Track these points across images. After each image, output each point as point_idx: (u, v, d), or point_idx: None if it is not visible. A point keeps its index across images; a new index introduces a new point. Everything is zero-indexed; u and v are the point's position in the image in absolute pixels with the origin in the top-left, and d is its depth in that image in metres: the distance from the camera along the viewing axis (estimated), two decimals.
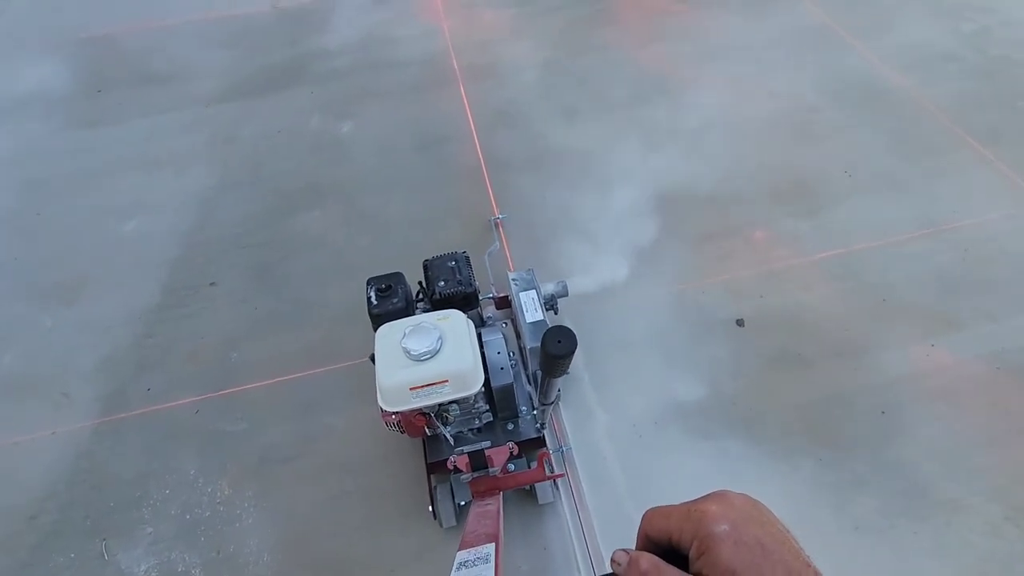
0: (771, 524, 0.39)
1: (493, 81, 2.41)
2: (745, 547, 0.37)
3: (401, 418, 1.04)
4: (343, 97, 2.40)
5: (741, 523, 0.39)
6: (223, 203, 2.02)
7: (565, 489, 1.30)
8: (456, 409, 1.08)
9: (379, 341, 1.00)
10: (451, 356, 0.95)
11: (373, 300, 1.13)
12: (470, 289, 1.21)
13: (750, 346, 1.51)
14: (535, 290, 1.31)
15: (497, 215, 1.86)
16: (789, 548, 0.38)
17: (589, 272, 1.69)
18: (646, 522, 0.43)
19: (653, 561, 0.40)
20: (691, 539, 0.39)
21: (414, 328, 0.97)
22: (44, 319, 1.75)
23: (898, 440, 1.32)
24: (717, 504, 0.40)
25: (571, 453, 1.35)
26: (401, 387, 0.94)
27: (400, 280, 1.17)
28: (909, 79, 2.23)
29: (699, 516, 0.39)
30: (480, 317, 1.35)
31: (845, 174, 1.92)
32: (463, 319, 1.02)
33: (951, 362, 1.44)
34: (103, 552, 1.29)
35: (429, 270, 1.26)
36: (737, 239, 1.76)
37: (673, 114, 2.18)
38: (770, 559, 0.37)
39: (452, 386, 0.95)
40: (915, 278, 1.62)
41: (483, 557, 0.65)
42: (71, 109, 2.47)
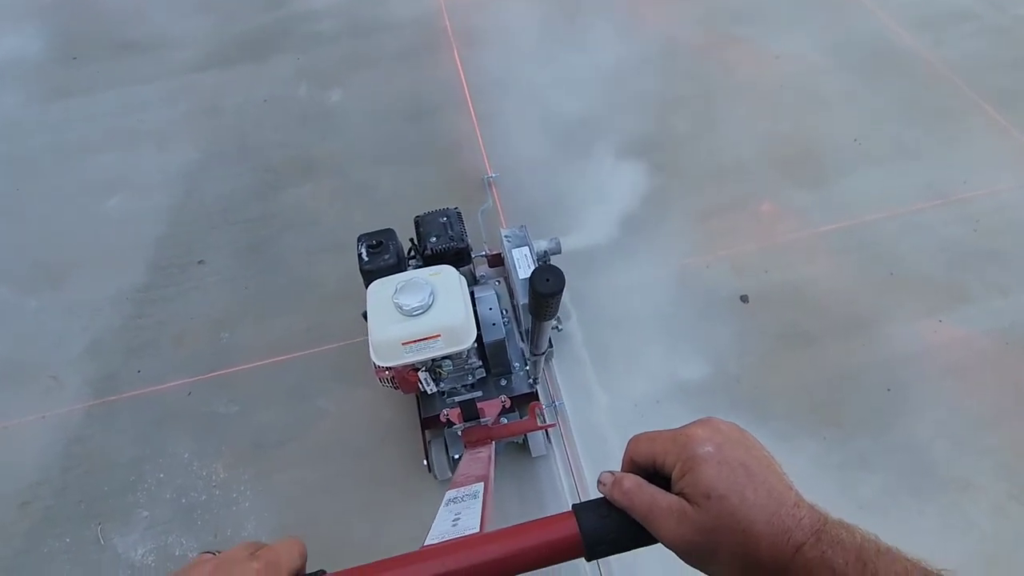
0: (756, 448, 0.40)
1: (488, 44, 2.30)
2: (728, 468, 0.37)
3: (394, 373, 1.04)
4: (331, 63, 2.29)
5: (726, 445, 0.39)
6: (208, 178, 1.95)
7: (557, 442, 1.32)
8: (449, 365, 1.07)
9: (371, 297, 0.99)
10: (443, 311, 0.94)
11: (364, 256, 1.11)
12: (462, 245, 1.19)
13: (754, 323, 1.47)
14: (528, 247, 1.29)
15: (490, 173, 1.82)
16: (773, 471, 0.38)
17: (584, 233, 1.65)
18: (632, 446, 0.43)
19: (636, 480, 0.41)
20: (675, 461, 0.39)
21: (406, 283, 0.95)
22: (29, 301, 1.69)
23: (904, 418, 1.30)
24: (702, 428, 0.40)
25: (563, 408, 1.36)
26: (393, 342, 0.94)
27: (391, 236, 1.15)
28: (922, 39, 2.13)
29: (684, 439, 0.40)
30: (473, 275, 1.34)
31: (854, 142, 1.85)
32: (455, 274, 1.01)
33: (959, 337, 1.41)
34: (99, 537, 1.28)
35: (420, 226, 1.24)
36: (741, 212, 1.70)
37: (674, 79, 2.08)
38: (753, 480, 0.37)
39: (444, 341, 0.94)
40: (924, 250, 1.57)
41: (472, 494, 0.64)
42: (46, 78, 2.36)
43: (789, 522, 0.36)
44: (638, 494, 0.40)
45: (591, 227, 1.69)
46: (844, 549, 0.34)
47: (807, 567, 0.35)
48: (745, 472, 0.37)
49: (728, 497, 0.36)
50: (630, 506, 0.40)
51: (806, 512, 0.36)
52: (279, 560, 0.40)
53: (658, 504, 0.39)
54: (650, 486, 0.40)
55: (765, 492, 0.37)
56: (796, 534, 0.35)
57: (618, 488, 0.41)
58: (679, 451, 0.39)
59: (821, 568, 0.34)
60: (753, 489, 0.37)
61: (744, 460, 0.38)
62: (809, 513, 0.36)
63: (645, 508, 0.39)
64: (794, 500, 0.37)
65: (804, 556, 0.35)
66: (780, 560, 0.36)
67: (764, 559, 0.36)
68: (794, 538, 0.35)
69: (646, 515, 0.39)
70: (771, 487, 0.37)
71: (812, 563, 0.35)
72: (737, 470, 0.37)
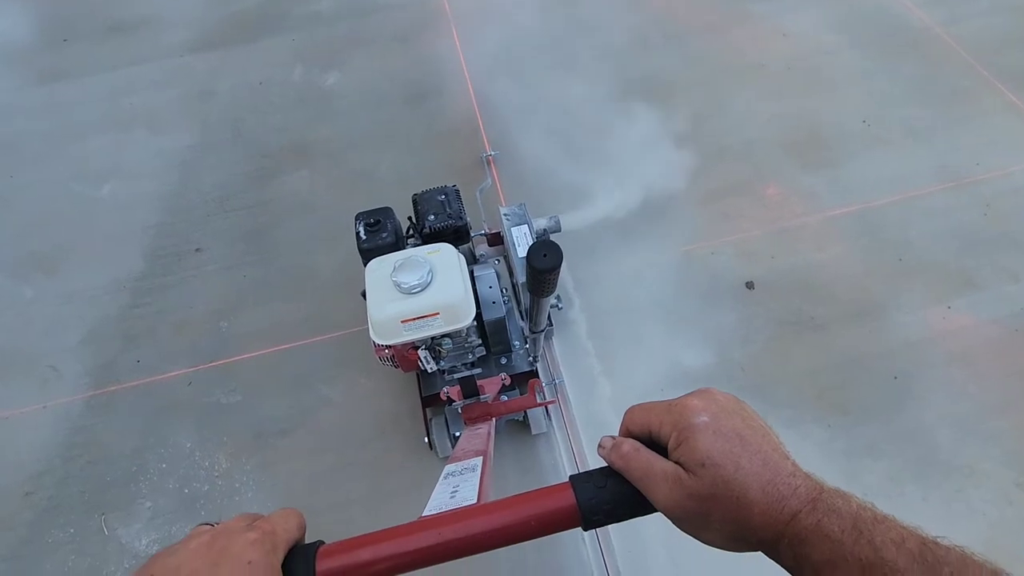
0: (752, 419, 0.40)
1: (489, 24, 2.24)
2: (723, 437, 0.37)
3: (394, 352, 1.04)
4: (328, 45, 2.23)
5: (722, 415, 0.39)
6: (203, 164, 1.91)
7: (558, 420, 1.32)
8: (449, 343, 1.07)
9: (369, 275, 0.98)
10: (442, 289, 0.94)
11: (362, 235, 1.10)
12: (461, 223, 1.18)
13: (760, 310, 1.45)
14: (527, 225, 1.28)
15: (489, 151, 1.80)
16: (769, 441, 0.38)
17: (585, 212, 1.64)
18: (628, 416, 0.43)
19: (634, 444, 0.41)
20: (671, 431, 0.39)
21: (404, 261, 0.95)
22: (24, 290, 1.68)
23: (911, 405, 1.29)
24: (699, 398, 0.40)
25: (563, 385, 1.36)
26: (392, 320, 0.93)
27: (389, 215, 1.14)
28: (935, 15, 2.07)
29: (680, 408, 0.40)
30: (472, 254, 1.33)
31: (863, 124, 1.81)
32: (454, 252, 1.00)
33: (968, 324, 1.39)
34: (102, 527, 1.28)
35: (419, 204, 1.22)
36: (747, 196, 1.67)
37: (680, 58, 2.03)
38: (748, 449, 0.37)
39: (443, 319, 0.94)
40: (934, 235, 1.55)
41: (470, 468, 0.64)
42: (36, 61, 2.30)
43: (784, 491, 0.36)
44: (635, 458, 0.40)
45: (592, 208, 1.67)
46: (840, 517, 0.34)
47: (802, 535, 0.35)
48: (740, 441, 0.37)
49: (723, 465, 0.36)
50: (626, 469, 0.40)
51: (802, 481, 0.36)
52: (276, 530, 0.40)
53: (654, 469, 0.39)
54: (648, 451, 0.40)
55: (760, 461, 0.37)
56: (791, 502, 0.35)
57: (616, 452, 0.41)
58: (675, 420, 0.39)
59: (816, 536, 0.34)
60: (748, 458, 0.37)
61: (740, 430, 0.38)
62: (805, 482, 0.36)
63: (641, 472, 0.40)
64: (790, 470, 0.37)
65: (799, 524, 0.35)
66: (774, 528, 0.36)
67: (758, 526, 0.36)
68: (789, 506, 0.35)
69: (642, 479, 0.40)
70: (766, 456, 0.37)
71: (807, 531, 0.35)
72: (732, 439, 0.37)
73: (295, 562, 0.40)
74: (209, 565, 0.37)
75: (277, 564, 0.39)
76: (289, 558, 0.40)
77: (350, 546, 0.41)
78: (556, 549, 1.18)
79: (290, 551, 0.41)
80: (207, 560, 0.37)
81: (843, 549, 0.33)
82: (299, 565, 0.40)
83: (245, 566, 0.37)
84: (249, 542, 0.38)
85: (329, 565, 0.40)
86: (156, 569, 0.37)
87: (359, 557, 0.41)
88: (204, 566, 0.37)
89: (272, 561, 0.38)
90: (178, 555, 0.38)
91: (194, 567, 0.37)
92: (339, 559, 0.41)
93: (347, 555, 0.41)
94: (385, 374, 1.42)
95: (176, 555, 0.38)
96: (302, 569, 0.40)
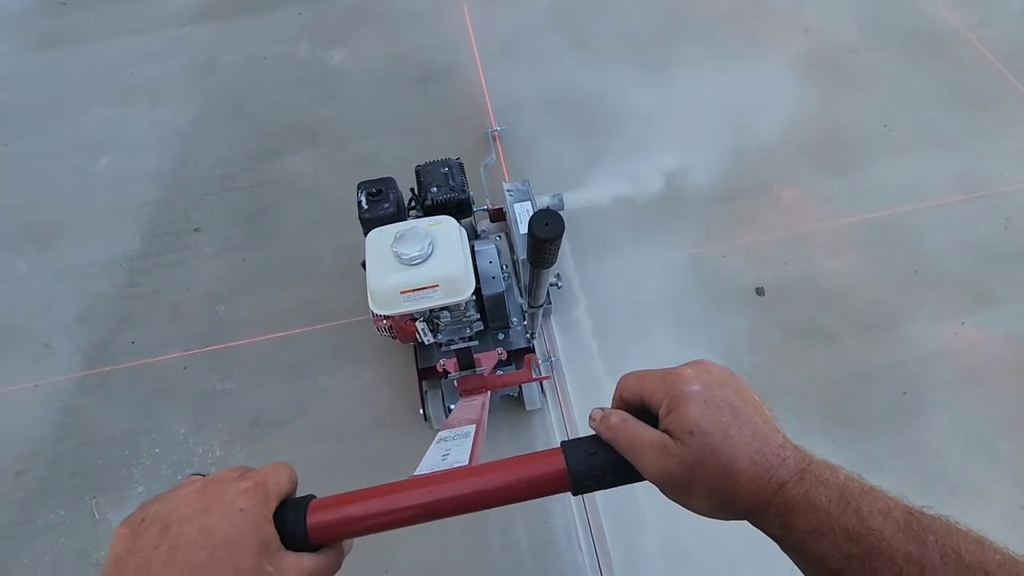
0: (744, 391, 0.40)
1: (501, 4, 2.16)
2: (714, 406, 0.38)
3: (392, 323, 1.04)
4: (334, 19, 2.16)
5: (715, 385, 0.39)
6: (204, 140, 1.86)
7: (552, 397, 1.32)
8: (447, 316, 1.06)
9: (369, 245, 0.97)
10: (442, 261, 0.93)
11: (363, 204, 1.09)
12: (463, 196, 1.17)
13: (770, 317, 1.42)
14: (530, 201, 1.28)
15: (495, 126, 1.78)
16: (759, 413, 0.39)
17: (590, 193, 1.61)
18: (621, 383, 0.44)
19: (622, 416, 0.42)
20: (662, 398, 0.40)
21: (405, 232, 0.94)
22: (18, 264, 1.64)
23: (919, 422, 1.27)
24: (692, 368, 0.41)
25: (559, 363, 1.36)
26: (391, 291, 0.93)
27: (391, 185, 1.12)
28: (964, 17, 2.00)
29: (673, 377, 0.40)
30: (474, 229, 1.33)
31: (884, 127, 1.75)
32: (455, 225, 0.99)
33: (981, 341, 1.36)
34: (94, 510, 1.26)
35: (421, 176, 1.21)
36: (762, 198, 1.63)
37: (695, 50, 1.96)
38: (738, 419, 0.37)
39: (443, 291, 0.93)
40: (951, 247, 1.51)
41: (463, 434, 0.65)
42: (33, 25, 2.23)
43: (773, 460, 0.36)
44: (623, 429, 0.41)
45: (598, 191, 1.64)
46: (827, 487, 0.35)
47: (789, 504, 0.35)
48: (731, 411, 0.38)
49: (711, 434, 0.37)
50: (614, 439, 0.41)
51: (791, 452, 0.37)
52: (267, 482, 0.40)
53: (641, 438, 0.40)
54: (636, 421, 0.41)
55: (750, 431, 0.37)
56: (779, 472, 0.36)
57: (605, 423, 0.42)
58: (667, 388, 0.40)
59: (803, 505, 0.35)
60: (738, 428, 0.37)
61: (731, 400, 0.38)
62: (794, 453, 0.37)
63: (628, 442, 0.40)
64: (779, 441, 0.37)
65: (787, 493, 0.35)
66: (761, 497, 0.36)
67: (745, 495, 0.36)
68: (777, 476, 0.36)
69: (629, 448, 0.40)
70: (756, 427, 0.37)
71: (794, 500, 0.35)
72: (723, 408, 0.38)
73: (286, 513, 0.40)
74: (200, 511, 0.37)
75: (268, 513, 0.39)
76: (280, 509, 0.40)
77: (341, 501, 0.42)
78: (552, 556, 1.16)
79: (281, 503, 0.41)
80: (198, 506, 0.37)
81: (830, 518, 0.34)
82: (290, 516, 0.40)
83: (237, 513, 0.37)
84: (241, 491, 0.38)
85: (320, 518, 0.40)
86: (147, 514, 0.37)
87: (349, 512, 0.41)
88: (195, 512, 0.37)
89: (264, 510, 0.38)
90: (169, 501, 0.38)
91: (185, 513, 0.37)
92: (329, 513, 0.41)
93: (338, 509, 0.41)
94: (384, 367, 1.39)
95: (167, 501, 0.38)
96: (293, 520, 0.40)
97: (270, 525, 0.38)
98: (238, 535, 0.36)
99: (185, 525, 0.36)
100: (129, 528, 0.37)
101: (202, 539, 0.35)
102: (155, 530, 0.36)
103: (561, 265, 1.51)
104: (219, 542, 0.35)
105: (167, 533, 0.36)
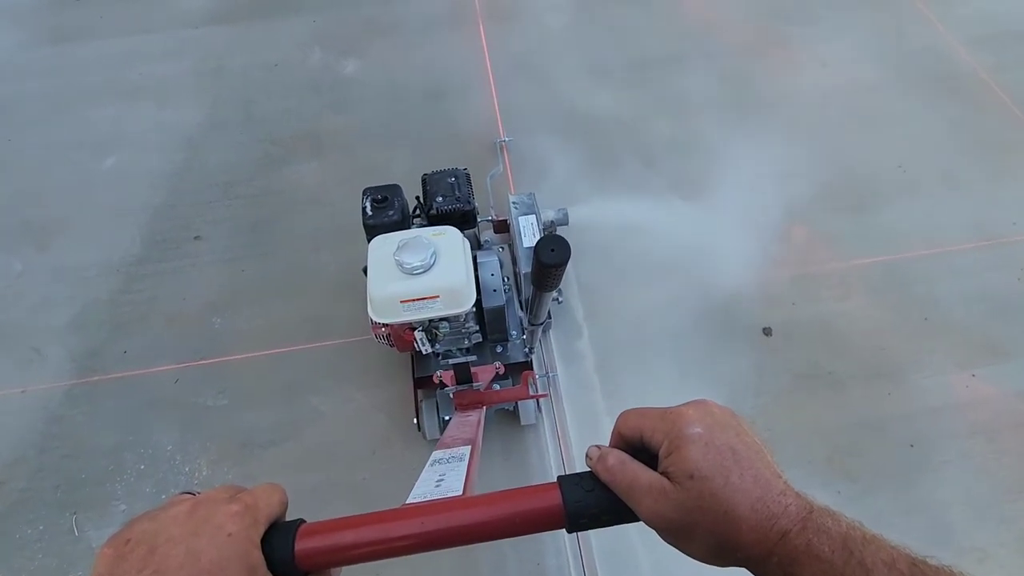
0: (747, 435, 0.39)
1: (517, 21, 2.15)
2: (715, 450, 0.37)
3: (391, 331, 1.03)
4: (349, 30, 2.14)
5: (716, 428, 0.38)
6: (210, 144, 1.83)
7: (548, 413, 1.32)
8: (446, 327, 1.06)
9: (372, 252, 0.98)
10: (444, 272, 0.94)
11: (368, 211, 1.09)
12: (468, 207, 1.18)
13: (775, 359, 1.39)
14: (535, 215, 1.28)
15: (503, 137, 1.78)
16: (761, 458, 0.38)
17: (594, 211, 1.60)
18: (621, 420, 0.43)
19: (620, 457, 0.41)
20: (663, 439, 0.39)
21: (408, 241, 0.94)
22: (14, 262, 1.61)
23: (925, 477, 1.24)
24: (694, 409, 0.40)
25: (556, 379, 1.35)
26: (392, 299, 0.93)
27: (397, 192, 1.12)
28: (981, 59, 1.98)
29: (674, 417, 0.39)
30: (477, 239, 1.32)
31: (898, 168, 1.73)
32: (459, 236, 1.00)
33: (992, 395, 1.33)
34: (73, 527, 1.23)
35: (427, 184, 1.21)
36: (770, 235, 1.60)
37: (710, 79, 1.95)
38: (740, 465, 0.37)
39: (443, 302, 0.94)
40: (963, 296, 1.48)
41: (458, 456, 0.64)
42: (44, 19, 2.21)
43: (775, 508, 0.35)
44: (620, 471, 0.40)
45: (603, 212, 1.62)
46: (830, 537, 0.34)
47: (792, 554, 0.35)
48: (733, 456, 0.37)
49: (712, 479, 0.36)
50: (612, 481, 0.40)
51: (793, 500, 0.36)
52: (258, 505, 0.39)
53: (639, 482, 0.39)
54: (634, 463, 0.40)
55: (751, 477, 0.36)
56: (782, 521, 0.35)
57: (602, 463, 0.41)
58: (668, 429, 0.39)
59: (806, 555, 0.34)
60: (739, 474, 0.36)
61: (733, 444, 0.37)
62: (796, 501, 0.36)
63: (626, 485, 0.39)
64: (781, 488, 0.36)
65: (789, 543, 0.35)
66: (764, 545, 0.35)
67: (746, 543, 0.36)
68: (779, 525, 0.35)
69: (626, 491, 0.39)
70: (758, 473, 0.37)
71: (797, 550, 0.34)
72: (724, 453, 0.37)
73: (275, 538, 0.39)
74: (188, 533, 0.36)
75: (257, 538, 0.38)
76: (269, 533, 0.39)
77: (331, 527, 0.41)
78: None
79: (271, 526, 0.40)
80: (186, 528, 0.36)
81: (834, 570, 0.33)
82: (279, 541, 0.39)
83: (225, 537, 0.36)
84: (230, 514, 0.37)
85: (309, 544, 0.40)
86: (134, 533, 0.37)
87: (339, 539, 0.40)
88: (183, 534, 0.36)
89: (252, 535, 0.38)
90: (157, 520, 0.37)
91: (172, 534, 0.36)
92: (319, 539, 0.40)
93: (327, 536, 0.40)
94: (381, 391, 1.36)
95: (155, 520, 0.37)
96: (281, 545, 0.39)
97: (258, 550, 0.38)
98: (225, 560, 0.36)
99: (171, 547, 0.35)
100: (114, 549, 0.36)
101: (188, 563, 0.35)
102: (140, 552, 0.35)
103: (565, 295, 1.49)
104: (205, 566, 0.35)
105: (152, 556, 0.35)
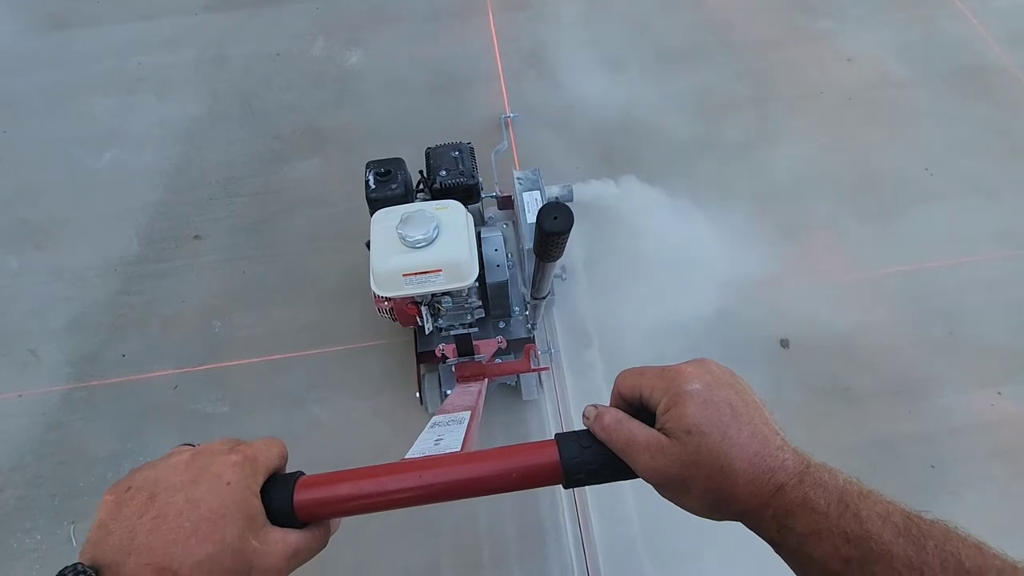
0: (745, 392, 0.40)
1: (527, 11, 2.07)
2: (713, 406, 0.37)
3: (393, 305, 1.02)
4: (353, 18, 2.07)
5: (715, 385, 0.39)
6: (209, 140, 1.78)
7: (549, 389, 1.32)
8: (448, 301, 1.05)
9: (375, 225, 0.97)
10: (447, 246, 0.93)
11: (371, 184, 1.08)
12: (472, 181, 1.16)
13: (793, 372, 1.35)
14: (539, 191, 1.28)
15: (508, 113, 1.75)
16: (760, 415, 0.38)
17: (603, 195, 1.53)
18: (620, 379, 0.44)
19: (616, 415, 0.41)
20: (661, 396, 0.39)
21: (411, 215, 0.94)
22: (10, 261, 1.57)
23: (944, 500, 1.20)
24: (693, 366, 0.40)
25: (559, 355, 1.36)
26: (394, 272, 0.93)
27: (400, 166, 1.11)
28: (1016, 57, 1.89)
29: (673, 375, 0.40)
30: (481, 215, 1.31)
31: (925, 171, 1.66)
32: (462, 210, 0.99)
33: (1018, 414, 1.28)
34: (71, 537, 1.21)
35: (431, 158, 1.20)
36: (791, 241, 1.54)
37: (730, 75, 1.87)
38: (738, 420, 0.37)
39: (446, 276, 0.94)
40: (989, 309, 1.42)
41: (457, 420, 0.64)
42: (40, 6, 2.15)
43: (772, 463, 0.36)
44: (617, 429, 0.40)
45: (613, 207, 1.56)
46: (826, 490, 0.35)
47: (787, 506, 0.35)
48: (731, 411, 0.37)
49: (709, 434, 0.36)
50: (609, 440, 0.40)
51: (790, 455, 0.36)
52: (257, 456, 0.40)
53: (636, 439, 0.39)
54: (631, 421, 0.40)
55: (749, 432, 0.36)
56: (778, 475, 0.36)
57: (599, 423, 0.41)
58: (666, 386, 0.39)
59: (802, 508, 0.35)
60: (737, 429, 0.36)
61: (731, 400, 0.38)
62: (793, 456, 0.36)
63: (623, 442, 0.39)
64: (778, 443, 0.37)
65: (785, 496, 0.35)
66: (759, 498, 0.36)
67: (742, 496, 0.36)
68: (776, 478, 0.36)
69: (624, 449, 0.40)
70: (756, 428, 0.37)
71: (793, 503, 0.35)
72: (722, 409, 0.37)
73: (274, 489, 0.40)
74: (188, 481, 0.36)
75: (256, 488, 0.38)
76: (268, 484, 0.40)
77: (330, 479, 0.41)
78: None
79: (270, 478, 0.40)
80: (186, 476, 0.37)
81: (828, 521, 0.34)
82: (278, 492, 0.40)
83: (224, 486, 0.37)
84: (229, 464, 0.38)
85: (307, 496, 0.40)
86: (134, 481, 0.37)
87: (338, 491, 0.41)
88: (183, 482, 0.36)
89: (251, 484, 0.38)
90: (157, 469, 0.38)
91: (172, 482, 0.36)
92: (317, 491, 0.40)
93: (326, 488, 0.41)
94: (383, 400, 1.33)
95: (155, 469, 0.38)
96: (280, 496, 0.40)
97: (257, 499, 0.38)
98: (224, 508, 0.36)
99: (171, 495, 0.36)
100: (115, 495, 0.37)
101: (187, 510, 0.35)
102: (141, 498, 0.36)
103: (575, 302, 1.44)
104: (204, 514, 0.35)
105: (153, 502, 0.36)
